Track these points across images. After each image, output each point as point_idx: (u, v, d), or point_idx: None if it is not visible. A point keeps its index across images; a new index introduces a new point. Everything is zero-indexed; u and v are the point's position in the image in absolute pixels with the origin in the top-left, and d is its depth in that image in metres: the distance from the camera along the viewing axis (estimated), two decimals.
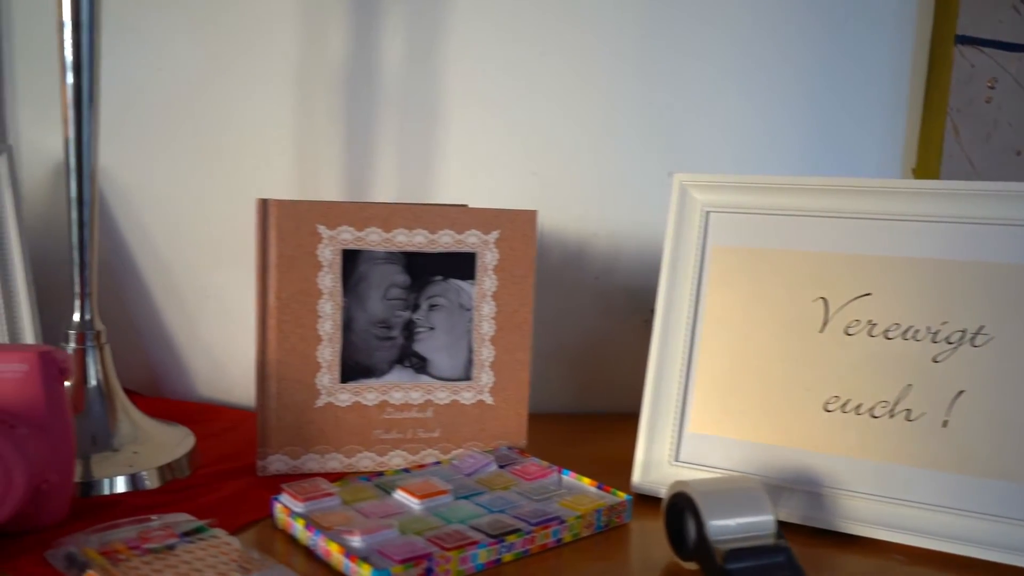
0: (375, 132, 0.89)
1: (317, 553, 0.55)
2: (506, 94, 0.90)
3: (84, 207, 0.67)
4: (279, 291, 0.68)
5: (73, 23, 0.65)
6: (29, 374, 0.56)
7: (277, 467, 0.70)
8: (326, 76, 0.87)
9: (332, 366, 0.70)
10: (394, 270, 0.71)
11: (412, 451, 0.73)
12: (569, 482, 0.68)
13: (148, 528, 0.55)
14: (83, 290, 0.69)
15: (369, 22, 0.87)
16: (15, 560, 0.53)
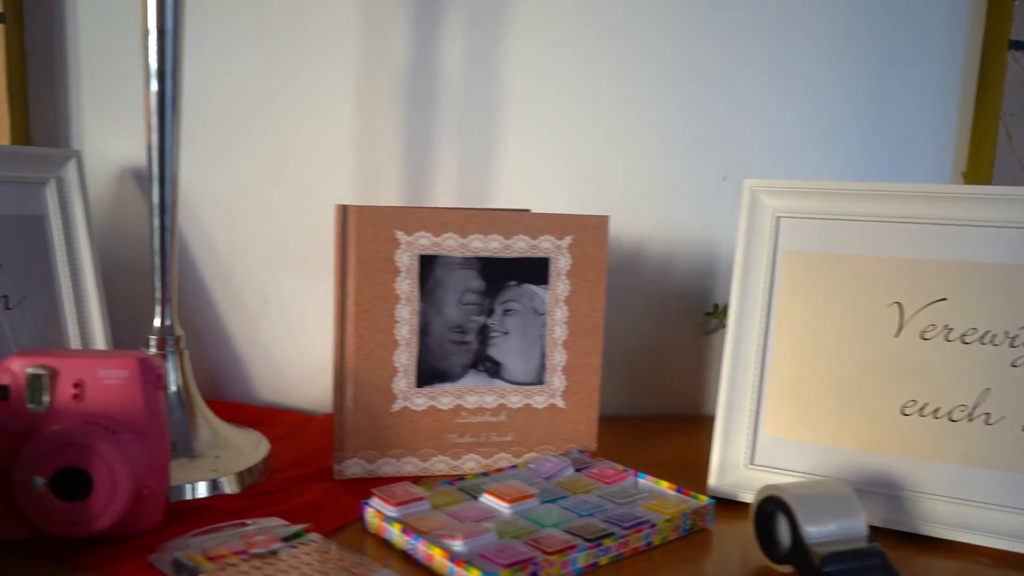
0: (434, 137, 0.89)
1: (416, 557, 0.56)
2: (563, 99, 0.90)
3: (166, 213, 0.68)
4: (358, 296, 0.69)
5: (158, 30, 0.65)
6: (129, 380, 0.56)
7: (354, 471, 0.71)
8: (387, 82, 0.88)
9: (408, 371, 0.71)
10: (470, 275, 0.71)
11: (485, 455, 0.74)
12: (646, 485, 0.69)
13: (249, 533, 0.56)
14: (164, 296, 0.69)
15: (430, 28, 0.87)
16: (119, 565, 0.53)
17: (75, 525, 0.54)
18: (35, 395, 0.55)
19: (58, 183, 0.78)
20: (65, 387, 0.55)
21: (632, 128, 0.92)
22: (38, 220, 0.77)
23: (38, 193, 0.77)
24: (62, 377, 0.55)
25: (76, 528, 0.54)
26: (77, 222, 0.78)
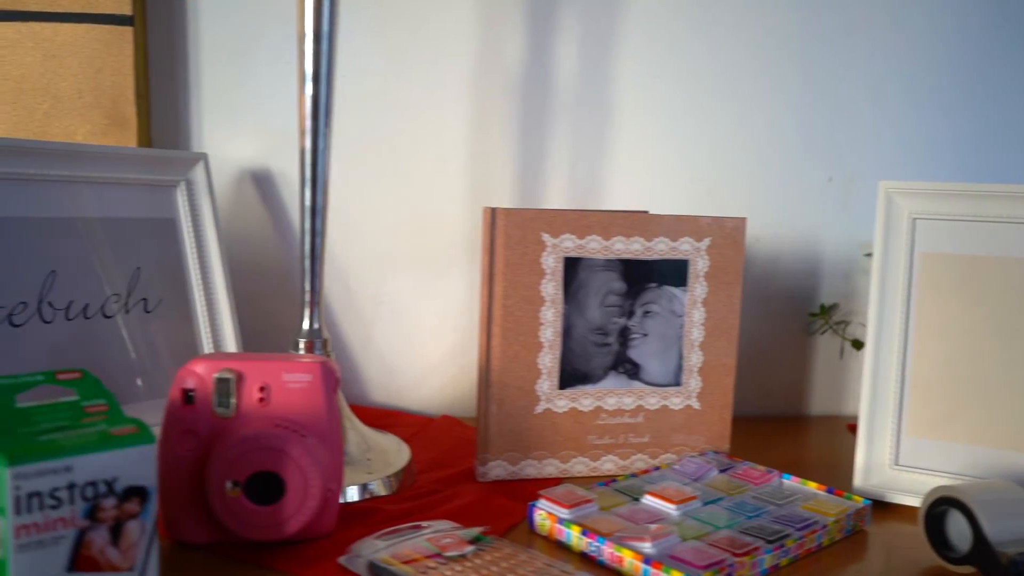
0: (547, 137, 0.89)
1: (600, 559, 0.56)
2: (674, 101, 0.91)
3: (317, 216, 0.68)
4: (504, 299, 0.69)
5: (314, 34, 0.65)
6: (313, 384, 0.56)
7: (497, 473, 0.71)
8: (501, 82, 0.88)
9: (552, 372, 0.71)
10: (612, 277, 0.72)
11: (623, 456, 0.74)
12: (792, 486, 0.69)
13: (436, 536, 0.56)
14: (313, 298, 0.69)
15: (544, 30, 0.87)
16: (311, 567, 0.54)
17: (267, 528, 0.54)
18: (222, 399, 0.55)
19: (187, 186, 0.78)
20: (251, 391, 0.55)
21: (740, 130, 0.92)
22: (170, 223, 0.77)
23: (169, 196, 0.77)
24: (248, 381, 0.56)
25: (267, 531, 0.54)
26: (206, 224, 0.78)
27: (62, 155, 0.69)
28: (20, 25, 0.77)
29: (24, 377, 0.48)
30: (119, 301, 0.72)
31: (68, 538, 0.43)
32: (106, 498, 0.44)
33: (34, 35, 0.77)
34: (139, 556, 0.45)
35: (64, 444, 0.43)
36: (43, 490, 0.42)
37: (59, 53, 0.78)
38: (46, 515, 0.42)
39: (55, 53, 0.78)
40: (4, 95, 0.77)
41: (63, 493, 0.42)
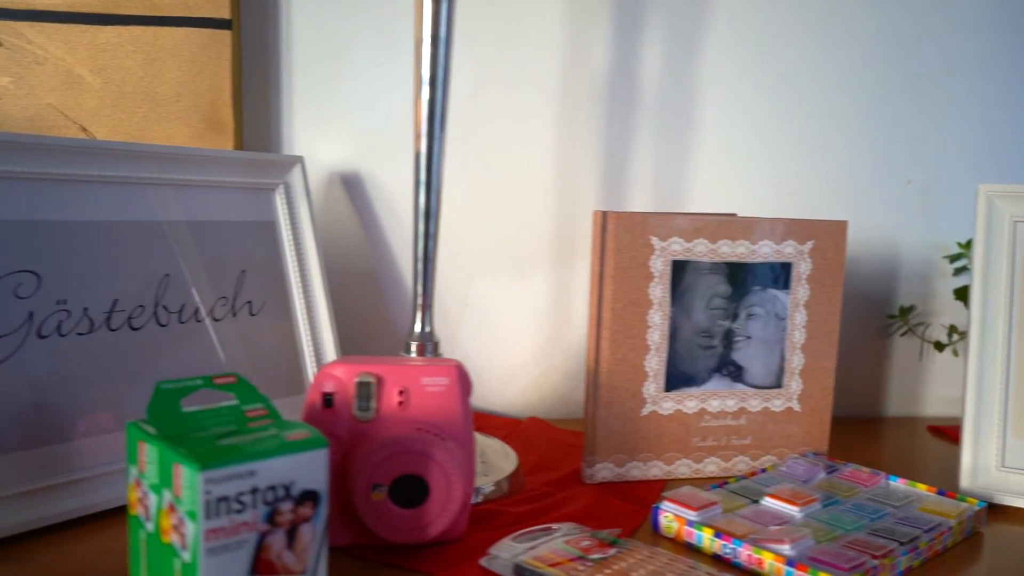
0: (632, 142, 0.90)
1: (736, 561, 0.56)
2: (756, 105, 0.91)
3: (431, 220, 0.68)
4: (613, 302, 0.69)
5: (432, 38, 0.65)
6: (450, 387, 0.57)
7: (604, 475, 0.71)
8: (588, 88, 0.88)
9: (658, 375, 0.72)
10: (717, 280, 0.72)
11: (725, 458, 0.74)
12: (900, 487, 0.70)
13: (575, 538, 0.56)
14: (425, 301, 0.69)
15: (630, 35, 0.88)
16: (452, 569, 0.54)
17: (410, 532, 0.54)
18: (363, 403, 0.55)
19: (285, 189, 0.78)
20: (391, 394, 0.56)
21: (820, 132, 0.92)
22: (270, 226, 0.77)
23: (269, 199, 0.77)
24: (387, 385, 0.56)
25: (411, 535, 0.55)
26: (303, 227, 0.79)
27: (171, 159, 0.69)
28: (121, 29, 0.77)
29: (185, 381, 0.48)
30: (227, 304, 0.72)
31: (250, 542, 0.43)
32: (284, 502, 0.44)
33: (135, 39, 0.77)
34: (311, 560, 0.46)
35: (248, 449, 0.43)
36: (230, 494, 0.42)
37: (159, 57, 0.78)
38: (232, 519, 0.42)
39: (155, 57, 0.78)
40: (105, 98, 0.78)
41: (247, 497, 0.43)
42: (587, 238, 0.91)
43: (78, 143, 0.64)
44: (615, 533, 0.58)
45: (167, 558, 0.44)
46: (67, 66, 0.77)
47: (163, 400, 0.47)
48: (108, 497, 0.60)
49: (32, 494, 0.57)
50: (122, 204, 0.66)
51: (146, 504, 0.46)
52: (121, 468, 0.62)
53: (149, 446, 0.45)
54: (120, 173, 0.66)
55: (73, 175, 0.63)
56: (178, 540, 0.43)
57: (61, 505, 0.58)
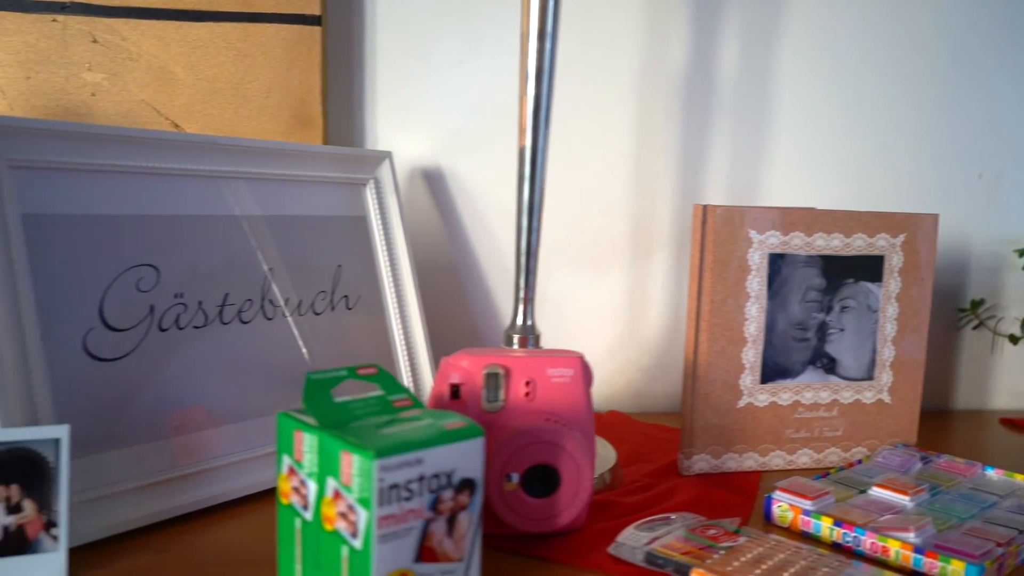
0: (708, 137, 0.90)
1: (858, 549, 0.57)
2: (830, 100, 0.92)
3: (534, 214, 0.69)
4: (712, 294, 0.70)
5: (538, 33, 0.66)
6: (574, 379, 0.57)
7: (700, 466, 0.72)
8: (665, 84, 0.89)
9: (754, 367, 0.72)
10: (812, 273, 0.73)
11: (817, 449, 0.75)
12: (995, 477, 0.70)
13: (700, 527, 0.57)
14: (527, 295, 0.70)
15: (708, 32, 0.88)
16: (583, 557, 0.54)
17: (542, 521, 0.55)
18: (492, 393, 0.56)
19: (376, 184, 0.79)
20: (517, 385, 0.56)
21: (891, 127, 0.93)
22: (361, 221, 0.78)
23: (360, 194, 0.78)
24: (514, 376, 0.56)
25: (542, 524, 0.55)
26: (393, 222, 0.79)
27: (273, 155, 0.70)
28: (214, 25, 0.78)
29: (331, 372, 0.49)
30: (326, 298, 0.73)
31: (416, 529, 0.44)
32: (445, 490, 0.45)
33: (226, 35, 0.78)
34: (467, 547, 0.46)
35: (416, 437, 0.44)
36: (400, 482, 0.43)
37: (250, 53, 0.79)
38: (401, 507, 0.43)
39: (246, 53, 0.79)
40: (196, 94, 0.78)
41: (415, 485, 0.43)
42: (663, 233, 0.91)
43: (192, 139, 0.65)
44: (736, 522, 0.58)
45: (331, 546, 0.44)
46: (160, 63, 0.77)
47: (315, 390, 0.47)
48: (231, 487, 0.61)
49: (159, 485, 0.57)
50: (227, 199, 0.67)
51: (303, 493, 0.46)
52: (241, 459, 0.62)
53: (308, 435, 0.46)
54: (225, 168, 0.66)
55: (182, 170, 0.64)
56: (346, 528, 0.43)
57: (187, 496, 0.58)
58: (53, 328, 0.54)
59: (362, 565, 0.43)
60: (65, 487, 0.50)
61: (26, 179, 0.55)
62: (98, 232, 0.58)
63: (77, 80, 0.77)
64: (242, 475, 0.62)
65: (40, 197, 0.56)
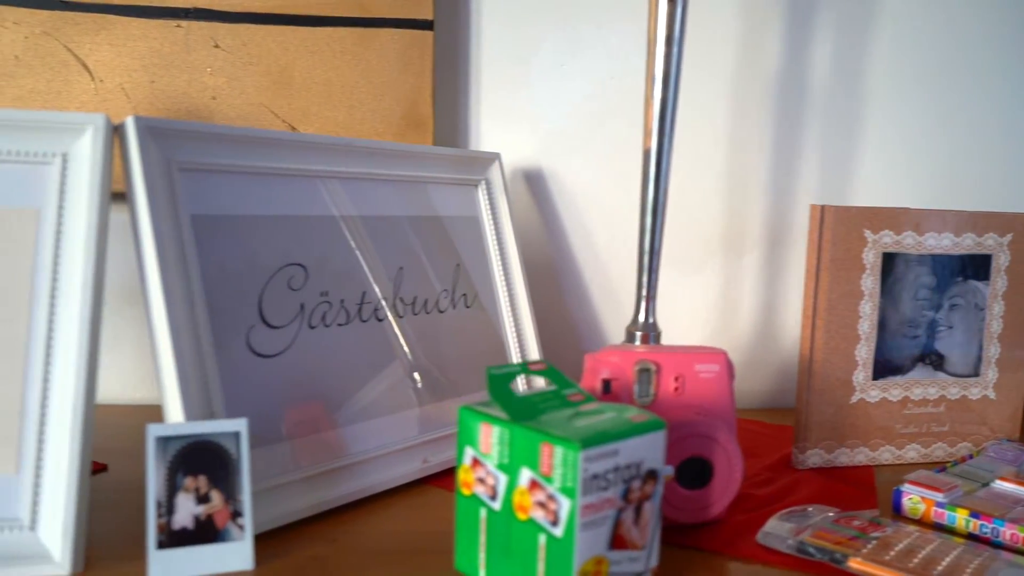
0: (800, 137, 0.92)
1: (995, 540, 0.58)
2: (920, 100, 0.93)
3: (658, 215, 0.70)
4: (829, 292, 0.72)
5: (666, 37, 0.68)
6: (719, 374, 0.59)
7: (814, 461, 0.74)
8: (760, 85, 0.90)
9: (867, 364, 0.74)
10: (923, 271, 0.74)
11: (924, 444, 0.77)
12: None
13: (844, 518, 0.58)
14: (649, 293, 0.72)
15: (801, 34, 0.90)
16: (734, 546, 0.56)
17: (694, 512, 0.57)
18: (644, 388, 0.58)
19: (487, 185, 0.80)
20: (667, 380, 0.58)
21: (983, 127, 0.94)
22: (475, 221, 0.79)
23: (473, 195, 0.80)
24: (664, 371, 0.58)
25: (695, 515, 0.57)
26: (503, 222, 0.81)
27: (397, 156, 0.71)
28: (331, 30, 0.79)
29: (508, 367, 0.51)
30: (448, 296, 0.74)
31: (611, 518, 0.46)
32: (635, 480, 0.47)
33: (343, 40, 0.80)
34: (650, 535, 0.48)
35: (611, 430, 0.45)
36: (600, 472, 0.45)
37: (365, 57, 0.80)
38: (599, 496, 0.45)
39: (362, 57, 0.80)
40: (313, 97, 0.80)
41: (611, 475, 0.45)
42: (755, 232, 0.93)
43: (336, 142, 0.66)
44: (876, 514, 0.60)
45: (525, 534, 0.46)
46: (279, 66, 0.79)
47: (497, 385, 0.49)
48: (377, 480, 0.63)
49: (315, 478, 0.59)
50: (362, 200, 0.68)
51: (490, 484, 0.48)
52: (381, 453, 0.64)
53: (498, 428, 0.47)
54: (362, 170, 0.68)
55: (324, 172, 0.65)
56: (545, 516, 0.45)
57: (341, 488, 0.60)
58: (221, 326, 0.56)
59: (564, 552, 0.44)
60: (247, 478, 0.52)
61: (192, 181, 0.57)
62: (255, 232, 0.60)
63: (198, 84, 0.78)
64: (385, 468, 0.64)
65: (205, 198, 0.57)
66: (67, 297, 0.51)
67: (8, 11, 0.76)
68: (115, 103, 0.78)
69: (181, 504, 0.50)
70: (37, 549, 0.48)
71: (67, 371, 0.50)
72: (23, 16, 0.76)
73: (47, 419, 0.50)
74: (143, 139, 0.53)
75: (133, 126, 0.53)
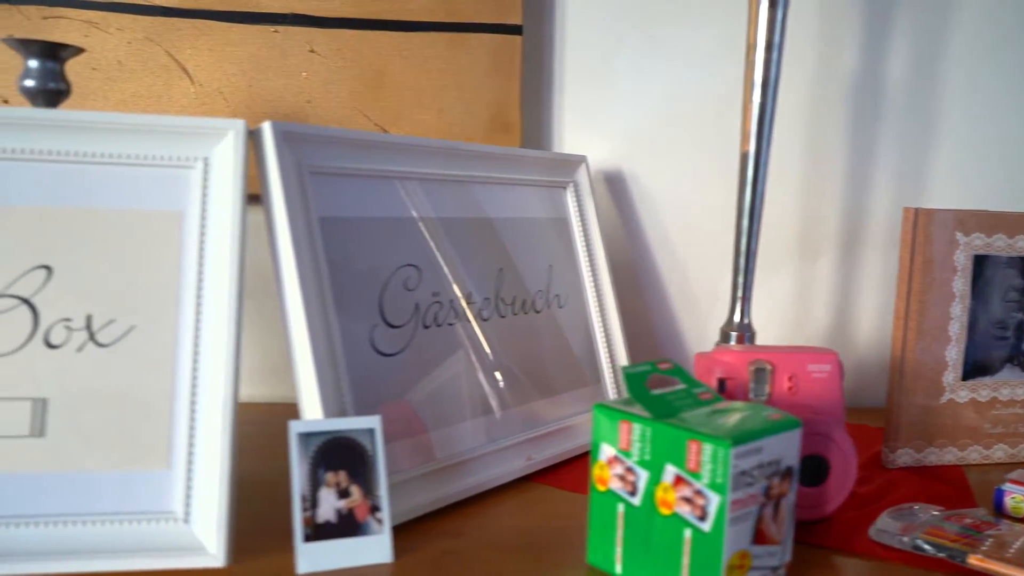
0: (877, 140, 0.93)
1: None
2: (996, 103, 0.94)
3: (755, 218, 0.72)
4: (921, 294, 0.73)
5: (766, 44, 0.69)
6: (831, 374, 0.60)
7: (904, 460, 0.74)
8: (836, 87, 0.91)
9: (956, 365, 0.75)
10: (1013, 274, 0.75)
11: (1012, 444, 0.77)
12: None
13: (956, 516, 0.59)
14: (745, 294, 0.73)
15: (879, 38, 0.91)
16: (849, 542, 0.57)
17: (811, 509, 0.58)
18: (759, 388, 0.59)
19: (575, 187, 0.82)
20: (781, 380, 0.59)
21: None
22: (564, 223, 0.81)
23: (561, 197, 0.81)
24: (778, 371, 0.59)
25: (810, 512, 0.58)
26: (591, 224, 0.82)
27: (491, 158, 0.73)
28: (424, 35, 0.81)
29: (640, 366, 0.52)
30: (543, 297, 0.76)
31: (754, 513, 0.47)
32: (775, 477, 0.48)
33: (435, 44, 0.81)
34: (786, 531, 0.49)
35: (756, 428, 0.47)
36: (746, 469, 0.46)
37: (456, 61, 0.82)
38: (745, 492, 0.46)
39: (453, 61, 0.82)
40: (404, 101, 0.81)
41: (756, 472, 0.46)
42: (831, 235, 0.94)
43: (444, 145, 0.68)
44: (984, 512, 0.61)
45: (669, 528, 0.47)
46: (373, 71, 0.81)
47: (635, 383, 0.50)
48: (489, 476, 0.64)
49: (433, 474, 0.61)
50: (464, 201, 0.70)
51: (629, 480, 0.49)
52: (491, 450, 0.65)
53: (639, 426, 0.49)
54: (464, 173, 0.70)
55: (434, 175, 0.67)
56: (692, 512, 0.46)
57: (458, 484, 0.62)
58: (348, 325, 0.58)
59: (712, 547, 0.46)
60: (383, 473, 0.53)
61: (320, 184, 0.58)
62: (374, 234, 0.62)
63: (294, 87, 0.80)
64: (493, 465, 0.65)
65: (330, 201, 0.59)
66: (212, 296, 0.52)
67: (112, 17, 0.77)
68: (213, 107, 0.79)
69: (324, 498, 0.51)
70: (191, 541, 0.50)
71: (216, 368, 0.51)
72: (126, 22, 0.78)
73: (196, 415, 0.51)
74: (279, 143, 0.55)
75: (270, 130, 0.55)
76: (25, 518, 0.48)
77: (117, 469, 0.50)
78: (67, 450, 0.50)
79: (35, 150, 0.52)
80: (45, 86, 0.61)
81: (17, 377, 0.50)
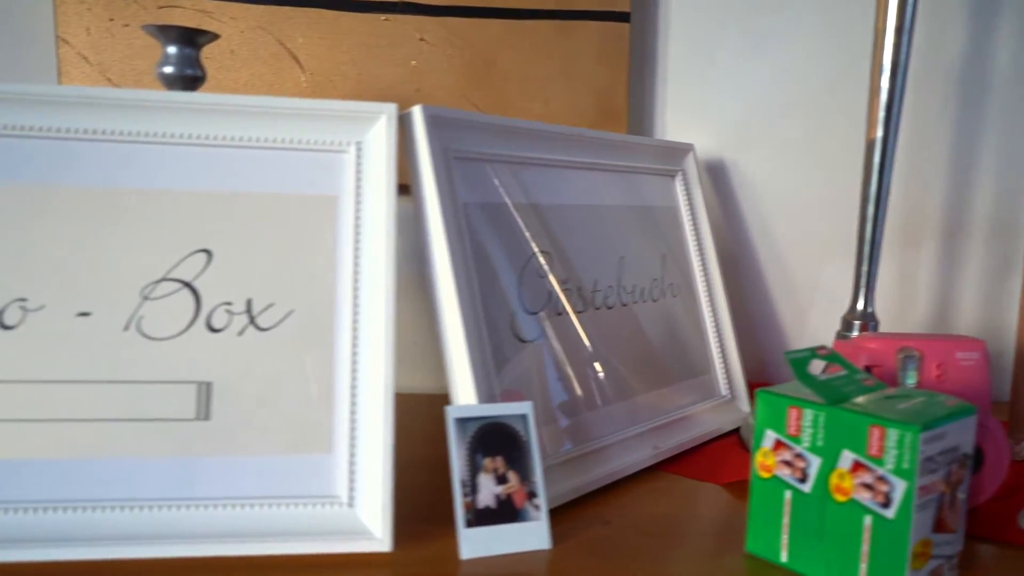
0: (980, 127, 0.91)
1: None
2: None
3: (881, 205, 0.71)
4: None
5: (896, 28, 0.68)
6: (979, 362, 0.59)
7: None
8: (939, 77, 0.90)
9: None
10: None
11: None
12: None
13: None
14: (869, 283, 0.72)
15: (984, 21, 0.89)
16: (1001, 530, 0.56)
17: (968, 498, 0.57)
18: (908, 375, 0.58)
19: (683, 175, 0.81)
20: (930, 367, 0.58)
21: None
22: (673, 211, 0.80)
23: (671, 185, 0.80)
24: (927, 359, 0.58)
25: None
26: (699, 212, 0.81)
27: (610, 145, 0.72)
28: (534, 23, 0.80)
29: (802, 352, 0.51)
30: (659, 285, 0.75)
31: (935, 500, 0.46)
32: (954, 464, 0.47)
33: (544, 32, 0.81)
34: (961, 519, 0.48)
35: (938, 414, 0.46)
36: (931, 455, 0.45)
37: (565, 48, 0.81)
38: (929, 478, 0.45)
39: (562, 48, 0.81)
40: (513, 88, 0.81)
41: (939, 458, 0.46)
42: (933, 223, 0.92)
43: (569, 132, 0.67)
44: None
45: (845, 515, 0.47)
46: (482, 59, 0.80)
47: (801, 368, 0.50)
48: (622, 465, 0.63)
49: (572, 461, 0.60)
50: (590, 189, 0.69)
51: (799, 466, 0.49)
52: (625, 437, 0.65)
53: (810, 411, 0.48)
54: (589, 160, 0.69)
55: (561, 161, 0.67)
56: (873, 498, 0.45)
57: (596, 471, 0.61)
58: (491, 311, 0.57)
59: (897, 534, 0.45)
60: (538, 459, 0.53)
61: (464, 170, 0.58)
62: (512, 220, 0.61)
63: (403, 75, 0.80)
64: (624, 454, 0.65)
65: (473, 186, 0.59)
66: (369, 281, 0.52)
67: (226, 6, 0.78)
68: (323, 95, 0.79)
69: (483, 484, 0.51)
70: (357, 526, 0.50)
71: (375, 353, 0.51)
72: (239, 11, 0.78)
73: (357, 400, 0.51)
74: (429, 128, 0.55)
75: (420, 115, 0.55)
76: (195, 501, 0.49)
77: (280, 453, 0.50)
78: (231, 433, 0.50)
79: (194, 135, 0.52)
80: (183, 72, 0.61)
81: (182, 360, 0.50)
